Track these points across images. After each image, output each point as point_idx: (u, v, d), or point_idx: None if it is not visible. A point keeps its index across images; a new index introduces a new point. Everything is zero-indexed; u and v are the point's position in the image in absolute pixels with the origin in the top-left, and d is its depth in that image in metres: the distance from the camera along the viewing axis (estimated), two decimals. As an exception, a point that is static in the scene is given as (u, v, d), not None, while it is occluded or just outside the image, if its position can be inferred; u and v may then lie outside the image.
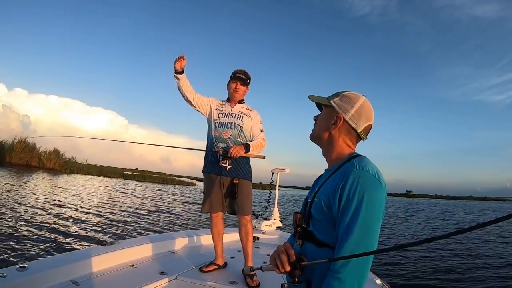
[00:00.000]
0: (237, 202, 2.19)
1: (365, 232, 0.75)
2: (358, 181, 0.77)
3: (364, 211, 0.75)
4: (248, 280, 1.99)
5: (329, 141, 0.94)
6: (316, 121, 1.00)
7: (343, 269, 0.73)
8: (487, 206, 43.26)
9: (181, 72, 2.14)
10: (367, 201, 0.76)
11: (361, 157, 0.86)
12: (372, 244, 0.76)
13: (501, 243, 8.80)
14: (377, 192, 0.78)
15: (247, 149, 2.15)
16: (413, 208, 25.88)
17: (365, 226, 0.75)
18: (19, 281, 1.50)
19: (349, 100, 0.92)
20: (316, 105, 1.02)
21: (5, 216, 5.88)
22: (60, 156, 24.60)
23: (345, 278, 0.72)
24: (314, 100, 1.00)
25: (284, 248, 0.82)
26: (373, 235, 0.76)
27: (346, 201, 0.77)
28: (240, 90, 2.28)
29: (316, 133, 0.98)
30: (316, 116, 1.01)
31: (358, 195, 0.76)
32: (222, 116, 2.28)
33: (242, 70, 2.32)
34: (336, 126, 0.91)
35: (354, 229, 0.74)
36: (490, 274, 5.42)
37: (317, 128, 0.98)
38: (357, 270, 0.74)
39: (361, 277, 0.74)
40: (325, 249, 0.82)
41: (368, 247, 0.74)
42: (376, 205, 0.77)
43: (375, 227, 0.77)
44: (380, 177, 0.81)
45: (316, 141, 0.99)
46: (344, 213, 0.77)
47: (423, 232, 10.84)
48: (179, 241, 2.75)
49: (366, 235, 0.75)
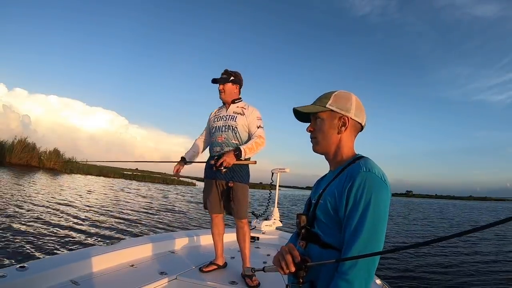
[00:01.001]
0: (232, 206, 2.18)
1: (372, 234, 0.75)
2: (365, 183, 0.77)
3: (372, 213, 0.75)
4: (248, 280, 1.99)
5: (338, 145, 0.92)
6: (313, 132, 0.94)
7: (351, 270, 0.73)
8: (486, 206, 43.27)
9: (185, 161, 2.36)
10: (374, 203, 0.76)
11: (365, 159, 0.86)
12: (379, 245, 0.76)
13: (502, 243, 8.80)
14: (383, 194, 0.78)
15: (239, 153, 2.07)
16: (414, 208, 25.87)
17: (372, 228, 0.75)
18: (19, 281, 1.50)
19: (345, 98, 0.91)
20: (298, 117, 0.98)
21: (5, 216, 5.88)
22: (60, 156, 24.61)
23: (353, 279, 0.72)
24: (304, 111, 0.94)
25: (288, 249, 0.81)
26: (380, 236, 0.76)
27: (354, 203, 0.77)
28: (224, 89, 2.23)
29: (326, 143, 0.92)
30: (310, 127, 0.95)
31: (366, 198, 0.76)
32: (217, 120, 2.28)
33: (224, 70, 2.28)
34: (346, 127, 0.90)
35: (361, 231, 0.74)
36: (490, 274, 5.42)
37: (322, 138, 0.92)
38: (365, 271, 0.74)
39: (368, 278, 0.74)
40: (330, 251, 0.81)
41: (375, 248, 0.74)
42: (382, 207, 0.77)
43: (382, 228, 0.77)
44: (386, 179, 0.81)
45: (326, 151, 0.93)
46: (352, 215, 0.77)
47: (423, 232, 10.83)
48: (179, 241, 2.75)
49: (373, 237, 0.75)
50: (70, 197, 10.03)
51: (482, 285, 4.78)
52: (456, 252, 7.10)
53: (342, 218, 0.79)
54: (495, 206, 47.54)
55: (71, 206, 8.33)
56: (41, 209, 7.21)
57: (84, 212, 7.64)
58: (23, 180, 13.22)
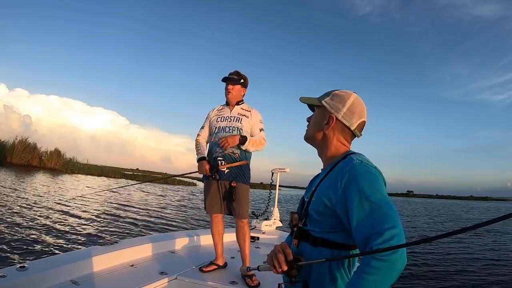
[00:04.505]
0: (234, 205, 2.18)
1: (381, 214, 0.71)
2: (357, 173, 0.77)
3: (371, 198, 0.72)
4: (248, 280, 1.99)
5: (324, 141, 0.94)
6: (309, 122, 1.00)
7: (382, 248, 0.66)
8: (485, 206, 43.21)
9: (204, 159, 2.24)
10: (370, 189, 0.74)
11: (356, 153, 0.87)
12: (395, 218, 0.70)
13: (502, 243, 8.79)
14: (376, 179, 0.77)
15: (243, 139, 2.13)
16: (414, 208, 25.85)
17: (384, 202, 0.72)
18: (19, 281, 1.50)
19: (340, 98, 0.91)
20: (308, 106, 1.02)
21: (5, 216, 5.89)
22: (61, 156, 24.64)
23: (388, 258, 0.65)
24: (305, 102, 1.00)
25: (281, 248, 0.81)
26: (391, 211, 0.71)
27: (350, 195, 0.75)
28: (232, 90, 2.25)
29: (310, 134, 0.98)
30: (309, 117, 1.00)
31: (360, 186, 0.74)
32: (221, 120, 2.28)
33: (235, 71, 2.31)
34: (329, 126, 0.91)
35: (369, 216, 0.71)
36: (490, 274, 5.41)
37: (310, 129, 0.98)
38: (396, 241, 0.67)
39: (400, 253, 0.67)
40: (320, 249, 0.81)
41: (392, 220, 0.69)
42: (380, 189, 0.75)
43: (389, 205, 0.73)
44: (377, 167, 0.81)
45: (311, 142, 0.99)
46: (352, 206, 0.74)
47: (424, 232, 10.81)
48: (179, 241, 2.75)
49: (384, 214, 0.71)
50: (70, 197, 10.04)
51: (482, 285, 4.77)
52: (456, 251, 7.09)
53: (341, 213, 0.78)
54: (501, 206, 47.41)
55: (71, 206, 8.33)
56: (41, 209, 7.22)
57: (84, 212, 7.64)
58: (24, 180, 13.24)
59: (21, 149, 21.62)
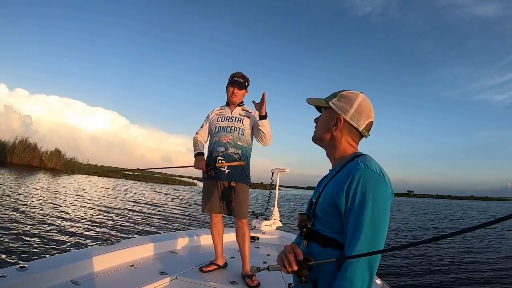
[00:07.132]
0: (234, 205, 2.18)
1: (373, 230, 0.75)
2: (363, 179, 0.77)
3: (371, 209, 0.75)
4: (248, 280, 1.99)
5: (332, 142, 0.94)
6: (317, 123, 1.00)
7: (351, 268, 0.72)
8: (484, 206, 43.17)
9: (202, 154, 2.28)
10: (373, 199, 0.76)
11: (364, 156, 0.86)
12: (380, 240, 0.75)
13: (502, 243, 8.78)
14: (382, 189, 0.78)
15: (264, 118, 2.10)
16: (415, 208, 25.84)
17: (372, 224, 0.75)
18: (19, 281, 1.50)
19: (348, 99, 0.91)
20: (316, 107, 1.02)
21: (5, 216, 5.90)
22: (61, 156, 24.64)
23: (354, 277, 0.72)
24: (312, 103, 1.00)
25: (291, 248, 0.82)
26: (382, 233, 0.76)
27: (352, 200, 0.77)
28: (238, 94, 2.30)
29: (318, 136, 0.97)
30: (317, 118, 1.00)
31: (364, 194, 0.76)
32: (221, 120, 2.29)
33: (240, 73, 2.32)
34: (337, 127, 0.91)
35: (362, 228, 0.74)
36: (490, 273, 5.41)
37: (318, 130, 0.98)
38: (366, 268, 0.73)
39: (370, 275, 0.74)
40: (329, 249, 0.82)
41: (377, 245, 0.74)
42: (382, 202, 0.77)
43: (383, 224, 0.76)
44: (384, 174, 0.81)
45: (319, 143, 0.99)
46: (351, 212, 0.77)
47: (423, 232, 10.81)
48: (179, 241, 2.75)
49: (374, 233, 0.75)
50: (70, 197, 10.05)
51: (483, 284, 4.77)
52: (456, 251, 7.08)
53: (343, 215, 0.80)
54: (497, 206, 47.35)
55: (71, 206, 8.34)
56: (42, 209, 7.22)
57: (84, 212, 7.65)
58: (24, 180, 13.24)
59: (22, 149, 21.62)
